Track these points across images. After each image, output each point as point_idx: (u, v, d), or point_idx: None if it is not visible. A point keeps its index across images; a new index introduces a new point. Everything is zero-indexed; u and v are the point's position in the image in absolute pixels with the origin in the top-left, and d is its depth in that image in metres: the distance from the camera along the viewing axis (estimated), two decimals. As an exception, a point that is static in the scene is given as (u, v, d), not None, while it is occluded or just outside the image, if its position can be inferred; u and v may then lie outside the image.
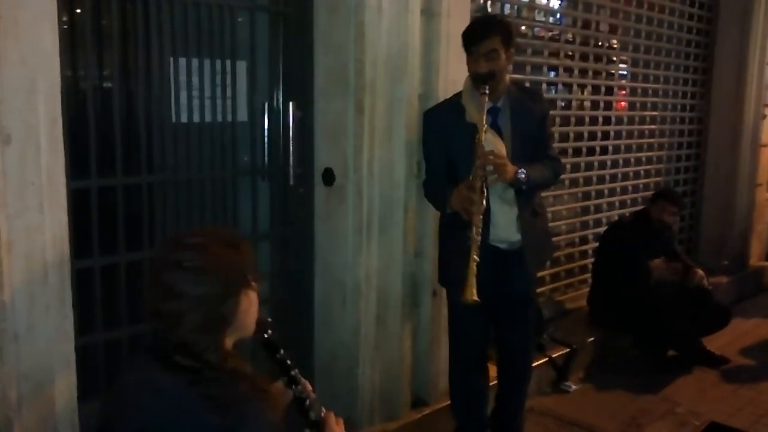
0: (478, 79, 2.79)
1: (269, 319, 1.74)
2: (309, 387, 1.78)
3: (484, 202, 2.73)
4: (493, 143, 2.80)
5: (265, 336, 1.71)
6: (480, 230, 2.71)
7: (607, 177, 5.12)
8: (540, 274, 4.11)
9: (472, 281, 2.66)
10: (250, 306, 1.61)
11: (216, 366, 1.51)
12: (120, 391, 1.57)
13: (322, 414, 1.75)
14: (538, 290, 4.22)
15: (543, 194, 3.37)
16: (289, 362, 1.75)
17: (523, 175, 2.77)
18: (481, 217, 2.72)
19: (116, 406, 1.55)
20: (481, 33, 2.80)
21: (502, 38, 2.79)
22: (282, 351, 1.74)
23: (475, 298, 2.67)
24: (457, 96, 2.99)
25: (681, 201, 4.76)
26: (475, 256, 2.68)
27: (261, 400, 1.51)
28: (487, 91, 2.73)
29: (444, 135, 2.93)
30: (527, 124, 2.92)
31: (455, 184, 2.81)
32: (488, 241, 2.86)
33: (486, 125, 2.72)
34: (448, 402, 3.36)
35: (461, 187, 2.74)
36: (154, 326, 1.58)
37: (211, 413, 1.44)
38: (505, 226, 2.91)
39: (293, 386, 1.74)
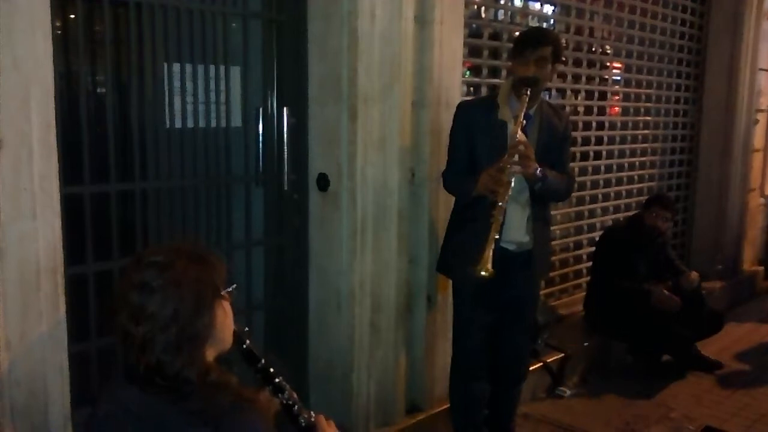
0: (523, 83, 2.86)
1: (246, 329, 1.69)
2: (294, 393, 1.75)
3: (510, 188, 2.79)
4: None
5: (243, 347, 1.67)
6: (504, 211, 2.76)
7: (601, 182, 5.13)
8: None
9: (489, 255, 2.70)
10: (225, 317, 1.56)
11: (196, 381, 1.46)
12: (101, 423, 1.51)
13: (312, 418, 1.73)
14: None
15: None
16: (271, 370, 1.70)
17: (541, 174, 2.85)
18: (507, 198, 2.77)
19: None
20: (537, 40, 2.92)
21: (553, 50, 2.90)
22: (262, 360, 1.70)
23: (490, 269, 2.70)
24: (494, 95, 3.10)
25: (674, 206, 4.77)
26: (495, 235, 2.72)
27: (249, 410, 1.48)
28: (529, 93, 2.81)
29: (472, 127, 3.01)
30: (551, 138, 3.02)
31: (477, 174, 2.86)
32: (501, 241, 2.90)
33: (522, 122, 2.81)
34: (444, 407, 3.36)
35: (491, 169, 2.79)
36: (126, 349, 1.51)
37: (199, 427, 1.41)
38: (517, 228, 2.99)
39: (279, 394, 1.71)
